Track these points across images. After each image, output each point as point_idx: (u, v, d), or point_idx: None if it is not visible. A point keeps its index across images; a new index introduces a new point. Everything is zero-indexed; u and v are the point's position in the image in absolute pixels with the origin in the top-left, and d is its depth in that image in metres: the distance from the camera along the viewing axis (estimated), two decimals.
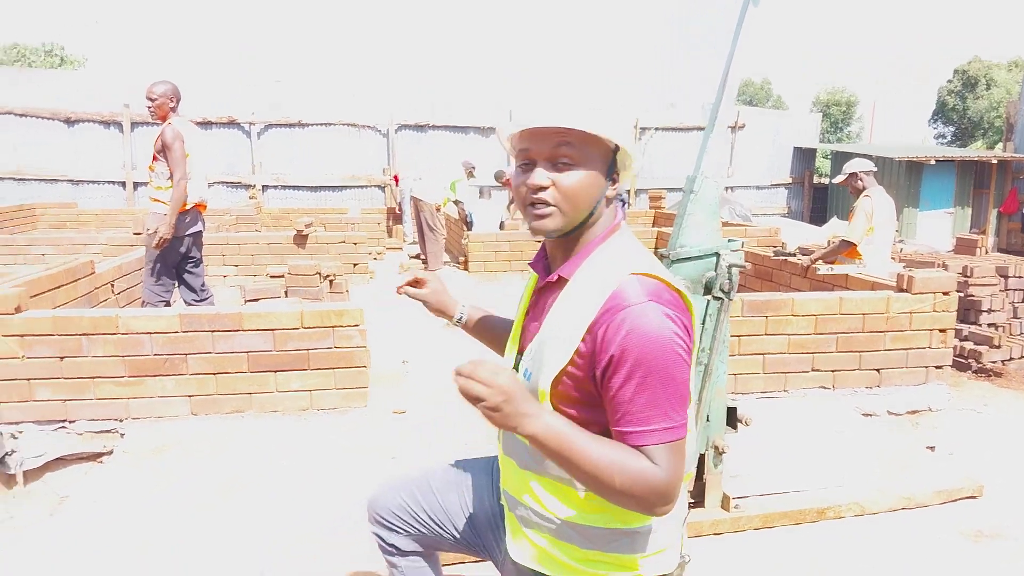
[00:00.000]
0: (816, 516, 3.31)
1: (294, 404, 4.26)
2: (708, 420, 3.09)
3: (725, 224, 10.00)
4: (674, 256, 2.99)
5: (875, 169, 6.09)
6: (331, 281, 7.78)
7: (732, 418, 3.19)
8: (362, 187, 15.77)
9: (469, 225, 10.53)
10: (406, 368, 5.34)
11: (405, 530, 1.91)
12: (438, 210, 10.00)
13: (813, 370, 4.79)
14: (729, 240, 3.08)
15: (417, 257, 10.64)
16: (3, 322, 3.85)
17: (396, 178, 14.26)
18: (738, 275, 2.98)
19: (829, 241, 6.94)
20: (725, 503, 3.25)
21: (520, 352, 1.63)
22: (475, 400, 1.31)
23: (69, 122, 14.41)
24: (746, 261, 3.05)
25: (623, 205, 1.60)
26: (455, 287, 6.30)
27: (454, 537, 1.90)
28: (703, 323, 3.05)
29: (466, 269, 9.60)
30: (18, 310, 3.91)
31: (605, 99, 17.86)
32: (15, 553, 3.07)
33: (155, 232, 5.16)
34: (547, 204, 1.45)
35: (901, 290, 4.84)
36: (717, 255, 3.00)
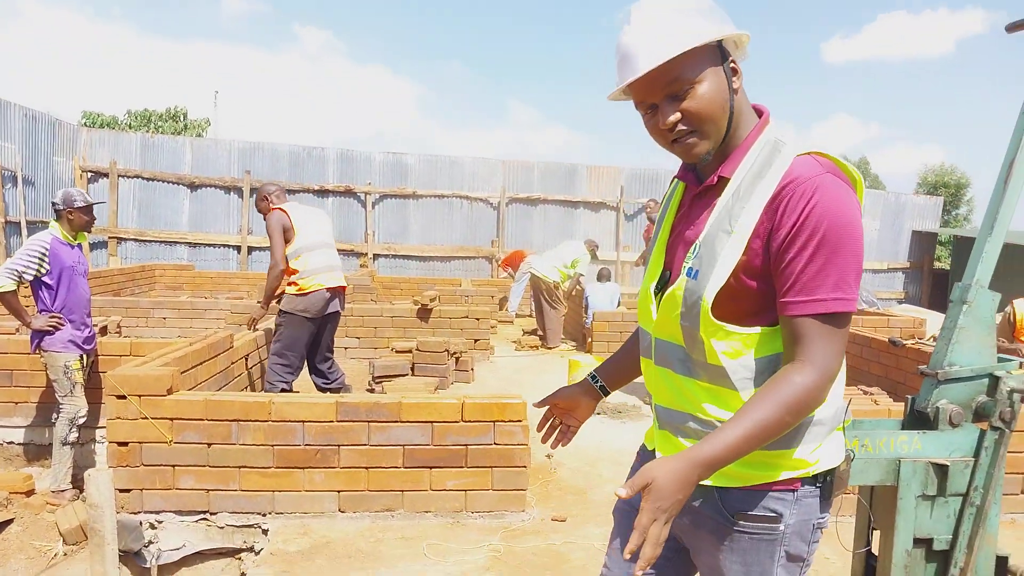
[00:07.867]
0: None
1: (447, 504, 3.87)
2: (976, 573, 2.54)
3: (858, 312, 9.28)
4: (943, 376, 2.51)
5: None
6: (457, 358, 7.46)
7: (1001, 569, 2.63)
8: (470, 258, 15.68)
9: (586, 308, 9.94)
10: (552, 463, 4.91)
11: None
12: (556, 288, 9.67)
13: None
14: (1002, 359, 2.59)
15: (534, 333, 10.26)
16: (155, 403, 3.62)
17: (514, 260, 13.20)
18: (1020, 402, 2.47)
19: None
20: None
21: (667, 267, 1.57)
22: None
23: (192, 187, 14.85)
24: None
25: None
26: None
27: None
28: (975, 456, 2.54)
29: (590, 351, 9.00)
30: (170, 391, 3.68)
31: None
32: None
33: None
34: (688, 133, 1.43)
35: None
36: (992, 376, 2.52)
